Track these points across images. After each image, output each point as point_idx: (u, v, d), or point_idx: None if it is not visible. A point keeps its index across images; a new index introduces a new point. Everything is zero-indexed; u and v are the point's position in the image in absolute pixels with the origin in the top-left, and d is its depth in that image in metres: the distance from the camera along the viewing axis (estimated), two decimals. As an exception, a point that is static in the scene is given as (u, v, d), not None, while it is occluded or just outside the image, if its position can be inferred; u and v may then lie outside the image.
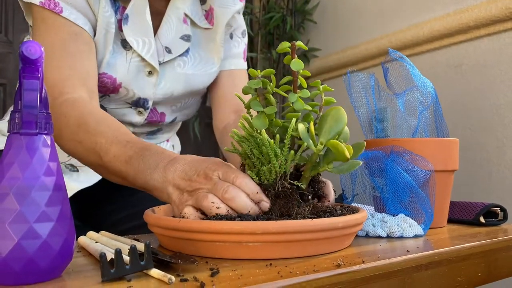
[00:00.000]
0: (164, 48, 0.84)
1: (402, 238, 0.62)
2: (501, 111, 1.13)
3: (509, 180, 1.11)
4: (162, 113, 0.90)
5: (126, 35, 0.79)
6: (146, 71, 0.83)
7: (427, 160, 0.64)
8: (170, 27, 0.85)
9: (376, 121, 0.73)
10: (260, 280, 0.40)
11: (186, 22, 0.86)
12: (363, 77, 0.71)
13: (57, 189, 0.40)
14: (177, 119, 0.94)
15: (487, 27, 1.17)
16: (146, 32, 0.81)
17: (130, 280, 0.40)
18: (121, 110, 0.85)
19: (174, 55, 0.85)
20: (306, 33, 1.85)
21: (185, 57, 0.87)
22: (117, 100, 0.84)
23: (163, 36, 0.84)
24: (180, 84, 0.87)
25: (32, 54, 0.38)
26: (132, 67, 0.81)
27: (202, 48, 0.90)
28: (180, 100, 0.90)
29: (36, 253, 0.38)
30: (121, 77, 0.81)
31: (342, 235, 0.51)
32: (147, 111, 0.86)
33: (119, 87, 0.81)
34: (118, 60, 0.80)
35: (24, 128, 0.39)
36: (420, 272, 0.51)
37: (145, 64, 0.82)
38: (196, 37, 0.89)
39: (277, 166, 0.51)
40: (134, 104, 0.85)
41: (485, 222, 0.73)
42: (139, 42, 0.81)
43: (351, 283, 0.44)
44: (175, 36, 0.85)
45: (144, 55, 0.81)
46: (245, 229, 0.46)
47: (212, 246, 0.48)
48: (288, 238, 0.47)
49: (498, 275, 0.61)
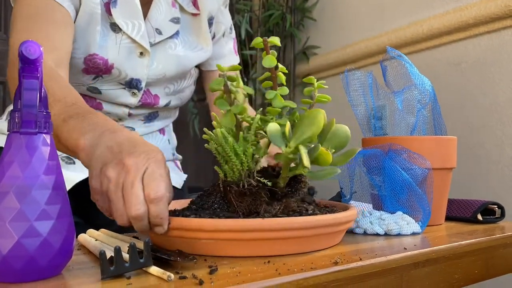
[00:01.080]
0: (155, 29, 0.88)
1: (400, 235, 0.62)
2: (500, 109, 1.14)
3: (507, 178, 1.11)
4: (156, 95, 0.92)
5: (115, 18, 0.82)
6: (138, 52, 0.86)
7: (424, 158, 0.65)
8: (160, 10, 0.88)
9: (374, 119, 0.74)
10: (258, 278, 0.40)
11: (174, 6, 0.90)
12: (360, 75, 0.71)
13: (57, 187, 0.41)
14: (171, 103, 0.96)
15: (486, 24, 1.17)
16: (135, 15, 0.84)
17: (129, 277, 0.41)
18: (115, 91, 0.87)
19: (165, 36, 0.88)
20: (306, 30, 1.84)
21: (175, 39, 0.91)
22: (110, 81, 0.85)
23: (153, 19, 0.87)
24: (172, 65, 0.90)
25: (32, 54, 0.38)
26: (123, 49, 0.84)
27: (191, 33, 0.93)
28: (172, 82, 0.93)
29: (36, 251, 0.38)
30: (113, 58, 0.83)
31: (332, 232, 0.52)
32: (140, 92, 0.88)
33: (111, 68, 0.84)
34: (109, 43, 0.83)
35: (23, 127, 0.39)
36: (418, 269, 0.51)
37: (136, 46, 0.85)
38: (185, 22, 0.93)
39: (238, 164, 0.50)
40: (127, 85, 0.87)
41: (482, 220, 0.74)
42: (129, 25, 0.84)
43: (348, 280, 0.44)
44: (164, 18, 0.88)
45: (134, 36, 0.84)
46: (244, 227, 0.46)
47: (210, 244, 0.49)
48: (284, 235, 0.47)
49: (495, 272, 0.62)
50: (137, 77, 0.86)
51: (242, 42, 1.87)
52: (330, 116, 0.53)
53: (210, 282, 0.39)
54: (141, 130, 0.95)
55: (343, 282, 0.44)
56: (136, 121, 0.94)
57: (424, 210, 0.64)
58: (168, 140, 1.03)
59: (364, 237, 0.62)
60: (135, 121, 0.94)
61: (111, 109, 0.89)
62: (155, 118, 0.97)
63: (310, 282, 0.42)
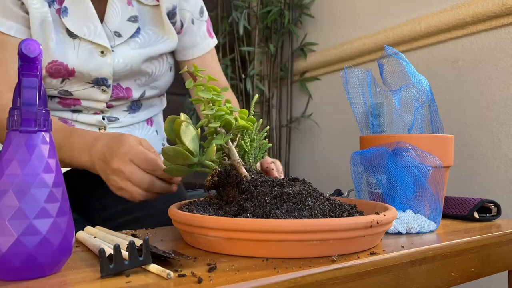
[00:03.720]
0: (113, 33, 0.86)
1: (420, 233, 0.63)
2: (496, 107, 1.14)
3: (504, 176, 1.12)
4: (127, 88, 0.91)
5: (68, 26, 0.82)
6: (99, 51, 0.85)
7: (434, 156, 0.65)
8: (116, 12, 0.86)
9: (372, 116, 0.74)
10: (257, 276, 0.41)
11: (130, 4, 0.88)
12: (360, 73, 0.71)
13: (56, 185, 0.41)
14: (146, 93, 0.95)
15: (484, 22, 1.18)
16: (90, 18, 0.84)
17: (128, 275, 0.41)
18: (85, 90, 0.87)
19: (125, 37, 0.87)
20: (304, 27, 1.84)
21: (136, 38, 0.89)
22: (78, 82, 0.85)
23: (110, 21, 0.86)
24: (136, 59, 0.88)
25: (31, 52, 0.38)
26: (83, 52, 0.84)
27: (154, 24, 0.91)
28: (141, 72, 0.91)
29: (35, 249, 0.38)
30: (73, 63, 0.83)
31: (345, 237, 0.48)
32: (109, 88, 0.88)
33: (74, 72, 0.83)
34: (67, 49, 0.82)
35: (23, 125, 0.39)
36: (415, 267, 0.52)
37: (95, 46, 0.84)
38: (145, 15, 0.91)
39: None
40: (95, 83, 0.87)
41: (479, 218, 0.74)
42: (84, 29, 0.83)
43: (346, 278, 0.45)
44: (122, 19, 0.87)
45: (92, 38, 0.83)
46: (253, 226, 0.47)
47: (216, 242, 0.49)
48: (286, 237, 0.47)
49: (491, 270, 0.62)
50: (101, 76, 0.86)
51: (240, 39, 1.86)
52: (328, 113, 0.53)
53: (209, 280, 0.39)
54: (127, 120, 0.95)
55: (341, 280, 0.44)
56: (120, 111, 0.94)
57: (437, 207, 0.64)
58: (156, 131, 1.02)
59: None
60: (119, 111, 0.93)
61: (89, 104, 0.89)
62: (139, 108, 0.96)
63: (308, 280, 0.42)
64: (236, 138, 0.61)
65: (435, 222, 0.65)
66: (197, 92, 0.57)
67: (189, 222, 0.50)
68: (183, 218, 0.51)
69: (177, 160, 0.57)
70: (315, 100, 1.75)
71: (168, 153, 0.56)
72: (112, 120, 0.92)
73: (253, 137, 0.63)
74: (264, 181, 0.56)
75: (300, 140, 1.84)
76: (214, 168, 0.59)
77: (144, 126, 0.99)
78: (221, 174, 0.59)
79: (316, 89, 1.75)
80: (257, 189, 0.54)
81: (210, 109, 0.57)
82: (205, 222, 0.48)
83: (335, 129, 1.65)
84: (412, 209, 0.65)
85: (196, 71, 0.58)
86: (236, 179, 0.57)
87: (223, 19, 1.85)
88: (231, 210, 0.54)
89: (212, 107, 0.57)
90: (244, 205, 0.53)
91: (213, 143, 0.56)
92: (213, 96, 0.56)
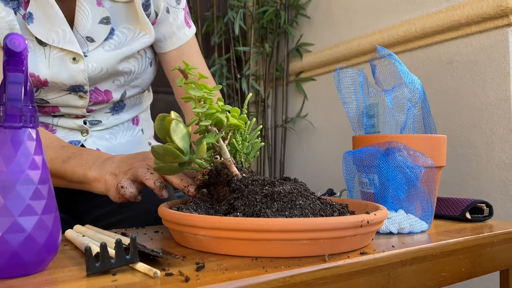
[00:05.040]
0: (85, 38, 0.80)
1: (411, 233, 0.63)
2: (490, 108, 1.14)
3: (496, 177, 1.12)
4: (106, 91, 0.86)
5: (35, 33, 0.76)
6: (70, 58, 0.79)
7: (426, 156, 0.65)
8: (85, 15, 0.79)
9: (365, 117, 0.74)
10: (245, 275, 0.40)
11: (101, 4, 0.80)
12: (352, 73, 0.71)
13: (42, 182, 0.40)
14: (127, 93, 0.89)
15: (478, 24, 1.18)
16: (57, 22, 0.77)
17: (115, 274, 0.40)
18: (62, 98, 0.82)
19: (98, 42, 0.81)
20: (299, 27, 1.84)
21: (111, 40, 0.82)
22: (52, 90, 0.81)
23: (80, 27, 0.79)
24: (111, 61, 0.83)
25: (17, 46, 0.38)
26: (54, 61, 0.78)
27: (129, 22, 0.84)
28: (118, 73, 0.85)
29: (20, 247, 0.38)
30: (44, 74, 0.78)
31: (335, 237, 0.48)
32: (87, 94, 0.83)
33: (47, 83, 0.78)
34: (37, 58, 0.77)
35: (8, 121, 0.39)
36: (405, 267, 0.51)
37: (66, 53, 0.78)
38: (119, 14, 0.83)
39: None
40: (71, 90, 0.81)
41: (471, 218, 0.74)
42: (52, 35, 0.77)
43: (336, 278, 0.44)
44: (93, 23, 0.80)
45: (62, 45, 0.77)
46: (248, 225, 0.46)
47: (205, 241, 0.48)
48: (275, 236, 0.47)
49: (482, 271, 0.62)
50: (76, 83, 0.80)
51: (235, 39, 1.86)
52: (323, 114, 0.53)
53: (197, 279, 0.39)
54: (109, 123, 0.90)
55: (331, 279, 0.44)
56: (102, 114, 0.89)
57: (429, 207, 0.64)
58: (142, 130, 0.98)
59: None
60: (101, 114, 0.89)
61: (69, 110, 0.85)
62: (122, 108, 0.92)
63: (297, 279, 0.42)
64: (227, 136, 0.61)
65: (427, 222, 0.65)
66: (187, 90, 0.56)
67: (178, 220, 0.50)
68: (173, 217, 0.51)
69: (167, 159, 0.57)
70: (311, 100, 1.75)
71: (158, 151, 0.56)
72: (94, 123, 0.88)
73: (245, 136, 0.63)
74: (255, 180, 0.56)
75: (295, 140, 1.84)
76: (205, 167, 0.59)
77: (129, 127, 0.95)
78: (212, 173, 0.58)
79: (312, 89, 1.75)
80: (248, 188, 0.54)
81: (201, 107, 0.57)
82: (194, 221, 0.48)
83: (330, 130, 1.65)
84: (404, 209, 0.65)
85: (188, 68, 0.57)
86: (227, 178, 0.57)
87: (219, 19, 1.84)
88: (221, 209, 0.54)
89: (203, 105, 0.57)
90: (235, 204, 0.53)
91: (204, 141, 0.56)
92: (204, 94, 0.56)
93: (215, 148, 0.60)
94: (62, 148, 0.67)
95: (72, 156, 0.66)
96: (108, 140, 0.89)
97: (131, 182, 0.62)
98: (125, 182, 0.62)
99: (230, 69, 1.85)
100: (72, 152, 0.67)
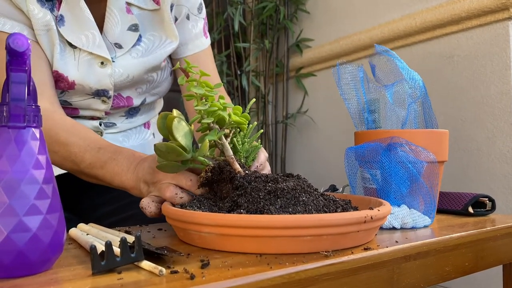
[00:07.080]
0: (114, 44, 0.82)
1: (414, 228, 0.63)
2: (491, 102, 1.14)
3: (498, 171, 1.12)
4: (128, 97, 0.88)
5: (65, 36, 0.77)
6: (98, 62, 0.81)
7: (428, 151, 0.65)
8: (115, 21, 0.81)
9: (366, 112, 0.74)
10: (250, 272, 0.40)
11: (130, 12, 0.82)
12: (352, 69, 0.71)
13: (47, 182, 0.40)
14: (146, 100, 0.92)
15: (479, 18, 1.18)
16: (88, 26, 0.78)
17: (120, 272, 0.40)
18: (85, 101, 0.84)
19: (126, 49, 0.83)
20: (299, 23, 1.84)
21: (138, 46, 0.84)
22: (78, 93, 0.82)
23: (110, 33, 0.81)
24: (138, 69, 0.85)
25: (19, 46, 0.38)
26: (83, 63, 0.80)
27: (155, 29, 0.86)
28: (142, 81, 0.88)
29: (26, 246, 0.38)
30: (73, 75, 0.79)
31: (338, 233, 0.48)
32: (110, 99, 0.85)
33: (74, 85, 0.80)
34: (68, 59, 0.79)
35: (12, 121, 0.39)
36: (409, 262, 0.52)
37: (95, 57, 0.80)
38: (146, 21, 0.85)
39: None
40: (95, 95, 0.83)
41: (473, 212, 0.74)
42: (82, 39, 0.78)
43: (340, 273, 0.44)
44: (122, 29, 0.82)
45: (91, 49, 0.79)
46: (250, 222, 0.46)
47: (209, 238, 0.49)
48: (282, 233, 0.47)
49: (485, 265, 0.62)
50: (102, 88, 0.82)
51: (235, 35, 1.86)
52: (323, 109, 0.53)
53: (202, 276, 0.39)
54: (124, 126, 0.92)
55: (335, 275, 0.44)
56: (118, 117, 0.91)
57: (431, 202, 0.64)
58: (153, 134, 1.01)
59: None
60: (116, 117, 0.91)
61: (87, 112, 0.86)
62: (136, 112, 0.94)
63: (301, 275, 0.42)
64: (229, 134, 0.61)
65: (430, 217, 0.65)
66: (189, 88, 0.56)
67: (182, 218, 0.50)
68: (176, 215, 0.51)
69: (170, 156, 0.57)
70: (311, 96, 1.75)
71: (161, 149, 0.56)
72: (109, 125, 0.90)
73: (244, 140, 0.63)
74: (258, 176, 0.56)
75: (296, 136, 1.84)
76: (207, 164, 0.59)
77: (141, 130, 0.97)
78: (214, 170, 0.58)
79: (312, 85, 1.75)
80: (251, 185, 0.54)
81: (203, 104, 0.57)
82: (198, 218, 0.48)
83: (330, 125, 1.65)
84: (407, 204, 0.65)
85: (189, 67, 0.57)
86: (230, 175, 0.57)
87: (218, 15, 1.84)
88: (225, 206, 0.54)
89: (205, 103, 0.57)
90: (238, 201, 0.53)
91: (206, 139, 0.56)
92: (205, 92, 0.56)
93: (218, 146, 0.60)
94: (98, 151, 0.67)
95: (108, 161, 0.66)
96: (121, 143, 0.91)
97: (150, 200, 0.60)
98: (143, 202, 0.61)
99: (230, 66, 1.85)
100: (108, 157, 0.67)
